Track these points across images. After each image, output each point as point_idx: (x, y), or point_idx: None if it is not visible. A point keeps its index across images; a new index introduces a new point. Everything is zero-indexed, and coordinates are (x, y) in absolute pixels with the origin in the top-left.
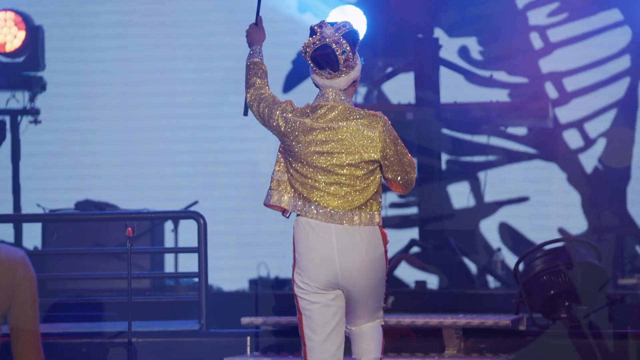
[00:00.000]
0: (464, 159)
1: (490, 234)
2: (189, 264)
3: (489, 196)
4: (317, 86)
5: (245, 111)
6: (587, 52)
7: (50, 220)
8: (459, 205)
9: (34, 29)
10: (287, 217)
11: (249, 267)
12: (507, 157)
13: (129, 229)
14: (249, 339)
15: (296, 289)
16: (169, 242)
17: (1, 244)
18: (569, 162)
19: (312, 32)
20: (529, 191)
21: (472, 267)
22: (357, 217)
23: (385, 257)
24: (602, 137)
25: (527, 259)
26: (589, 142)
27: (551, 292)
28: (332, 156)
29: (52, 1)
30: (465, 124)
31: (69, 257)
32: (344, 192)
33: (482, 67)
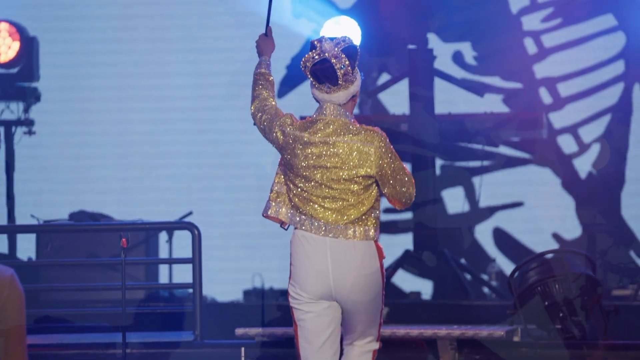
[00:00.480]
0: (459, 164)
1: (484, 239)
2: (183, 274)
3: (483, 201)
4: (317, 100)
5: (254, 121)
6: (582, 57)
7: (44, 231)
8: (454, 210)
9: (29, 40)
10: (286, 229)
11: (244, 279)
12: (501, 163)
13: (123, 239)
14: (243, 349)
15: (291, 300)
16: (163, 253)
17: None
18: (563, 167)
19: (312, 47)
20: (523, 196)
21: (467, 277)
22: (352, 231)
23: (381, 272)
24: (596, 142)
25: (522, 269)
26: (583, 147)
27: (546, 303)
28: (328, 170)
29: (47, 13)
30: (459, 134)
31: (63, 268)
32: (339, 206)
33: (476, 72)
